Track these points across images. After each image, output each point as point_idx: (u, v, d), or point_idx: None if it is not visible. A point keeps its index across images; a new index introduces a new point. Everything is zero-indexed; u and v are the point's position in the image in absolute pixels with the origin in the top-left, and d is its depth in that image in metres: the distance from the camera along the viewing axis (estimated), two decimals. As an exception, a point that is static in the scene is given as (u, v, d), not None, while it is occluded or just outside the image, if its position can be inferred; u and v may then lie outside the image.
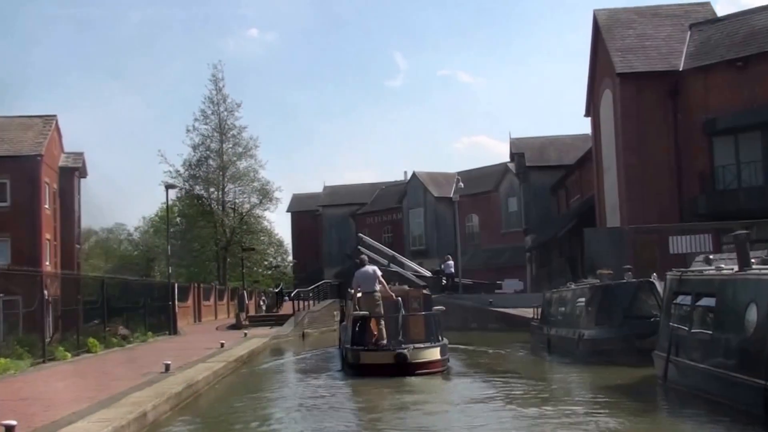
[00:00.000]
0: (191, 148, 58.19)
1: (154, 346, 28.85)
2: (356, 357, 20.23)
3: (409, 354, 19.18)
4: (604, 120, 43.44)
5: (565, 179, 62.05)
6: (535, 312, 32.27)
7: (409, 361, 19.10)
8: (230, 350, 25.97)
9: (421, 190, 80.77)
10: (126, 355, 24.69)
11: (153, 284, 37.00)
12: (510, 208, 74.61)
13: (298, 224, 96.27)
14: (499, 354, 27.95)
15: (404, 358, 19.05)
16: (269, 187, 58.48)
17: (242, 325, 39.69)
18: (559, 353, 24.91)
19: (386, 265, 47.91)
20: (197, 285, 47.82)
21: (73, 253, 46.92)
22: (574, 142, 67.90)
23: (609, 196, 42.71)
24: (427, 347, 20.09)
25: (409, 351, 19.24)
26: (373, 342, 20.21)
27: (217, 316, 50.77)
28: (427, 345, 20.23)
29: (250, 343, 29.55)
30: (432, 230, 79.61)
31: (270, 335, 35.22)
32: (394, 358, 19.12)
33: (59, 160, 46.71)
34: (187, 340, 32.84)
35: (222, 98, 58.36)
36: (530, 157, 68.15)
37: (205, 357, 23.30)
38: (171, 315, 35.80)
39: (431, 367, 19.65)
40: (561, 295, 27.62)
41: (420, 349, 19.74)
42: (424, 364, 19.53)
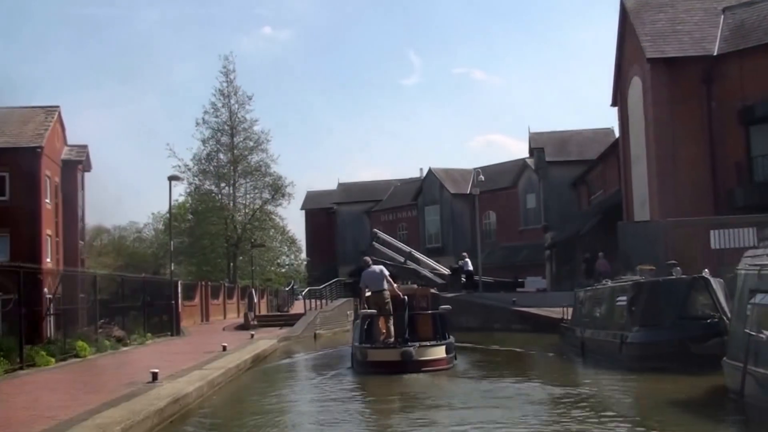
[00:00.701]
0: (201, 142, 55.67)
1: (150, 350, 26.13)
2: (364, 354, 20.34)
3: (415, 351, 19.39)
4: (632, 109, 40.77)
5: (587, 174, 59.45)
6: (564, 312, 29.43)
7: (415, 359, 19.28)
8: (232, 354, 23.22)
9: (437, 187, 78.04)
10: (116, 361, 21.93)
11: (153, 282, 34.23)
12: (528, 204, 71.96)
13: (312, 222, 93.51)
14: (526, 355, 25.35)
15: (410, 356, 19.24)
16: (281, 182, 55.68)
17: (250, 325, 36.93)
18: (596, 358, 22.06)
19: (402, 262, 45.19)
20: (204, 283, 45.06)
21: (76, 249, 44.19)
22: (595, 136, 65.48)
23: (637, 190, 40.03)
24: (432, 345, 20.30)
25: (414, 349, 19.45)
26: (381, 340, 20.54)
27: (226, 315, 48.04)
28: (433, 343, 20.42)
29: (256, 346, 26.79)
30: (448, 228, 76.85)
31: (279, 336, 32.47)
32: (400, 355, 19.31)
33: (62, 153, 44.03)
34: (189, 342, 30.11)
35: (233, 90, 55.75)
36: (550, 151, 65.55)
37: (203, 362, 20.54)
38: (173, 315, 33.01)
39: (436, 364, 19.84)
40: (596, 294, 24.67)
41: (426, 347, 19.98)
42: (430, 362, 19.73)
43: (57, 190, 42.78)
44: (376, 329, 20.92)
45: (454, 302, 39.99)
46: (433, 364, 19.74)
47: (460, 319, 39.01)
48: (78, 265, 42.66)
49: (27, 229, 39.54)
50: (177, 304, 33.61)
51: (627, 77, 41.22)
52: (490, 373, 20.88)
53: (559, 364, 23.78)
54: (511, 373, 20.23)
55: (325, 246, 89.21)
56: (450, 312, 22.83)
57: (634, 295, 20.48)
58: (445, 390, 17.21)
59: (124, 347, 26.34)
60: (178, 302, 33.66)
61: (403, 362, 19.15)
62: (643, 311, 20.00)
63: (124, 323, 28.21)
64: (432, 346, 20.23)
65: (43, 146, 40.07)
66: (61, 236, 42.87)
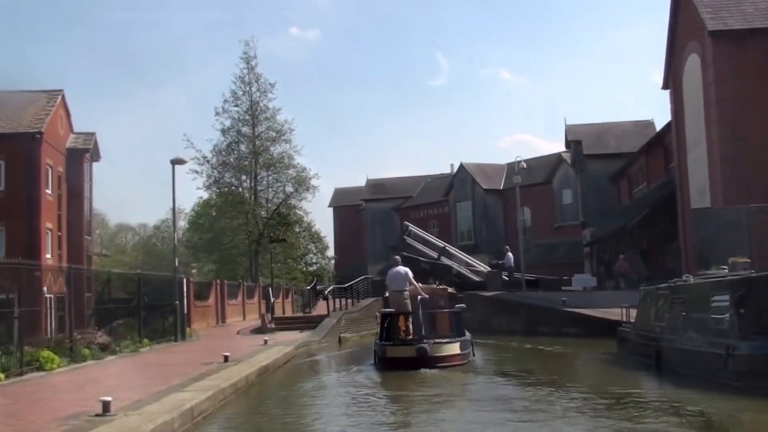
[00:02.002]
0: (220, 132, 50.89)
1: (137, 360, 21.33)
2: (383, 351, 20.90)
3: (430, 348, 19.80)
4: (688, 90, 36.01)
5: (628, 167, 54.75)
6: (625, 314, 24.40)
7: (430, 355, 19.72)
8: (233, 367, 18.43)
9: (469, 182, 73.19)
10: (79, 378, 17.06)
11: (153, 279, 29.46)
12: (564, 200, 67.16)
13: (340, 219, 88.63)
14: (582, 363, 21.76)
15: (425, 352, 19.65)
16: (305, 175, 50.78)
17: (267, 328, 32.13)
18: (679, 371, 17.08)
19: (435, 258, 40.36)
20: (220, 282, 40.24)
21: (82, 245, 39.54)
22: (634, 128, 60.91)
23: (695, 178, 35.31)
24: (447, 342, 20.65)
25: (429, 345, 19.85)
26: (399, 337, 20.78)
27: (245, 316, 43.31)
28: (448, 340, 20.75)
29: (265, 355, 21.95)
30: (481, 224, 71.96)
31: (297, 341, 27.60)
32: (416, 352, 19.65)
33: (66, 140, 39.44)
34: (192, 348, 25.34)
35: (254, 77, 50.95)
36: (587, 145, 60.76)
37: (191, 380, 15.77)
38: (178, 317, 28.26)
39: (451, 360, 20.26)
40: (679, 292, 19.54)
41: (440, 344, 20.37)
42: (444, 358, 20.16)
43: (60, 181, 38.22)
44: (394, 327, 21.23)
45: (494, 302, 35.39)
46: (447, 360, 20.18)
47: (501, 321, 34.17)
48: (83, 262, 38.01)
49: (25, 222, 35.05)
50: (183, 304, 28.86)
51: (681, 56, 36.50)
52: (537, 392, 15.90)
53: (634, 376, 18.70)
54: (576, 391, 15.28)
55: (353, 244, 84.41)
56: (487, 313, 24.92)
57: (743, 294, 15.36)
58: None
59: (111, 355, 21.68)
60: (184, 302, 28.91)
61: (419, 358, 19.55)
62: (758, 314, 14.95)
63: (111, 327, 23.42)
64: (447, 343, 20.61)
65: (43, 132, 35.53)
66: (64, 230, 38.28)
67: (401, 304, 21.37)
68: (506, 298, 34.51)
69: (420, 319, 20.89)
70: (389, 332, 21.30)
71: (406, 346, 20.22)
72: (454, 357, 20.44)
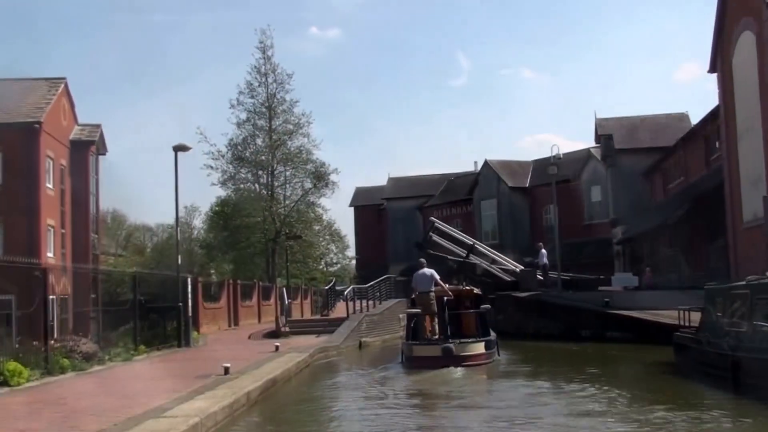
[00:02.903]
0: (236, 126, 47.63)
1: (125, 372, 18.15)
2: (410, 350, 21.10)
3: (455, 347, 20.02)
4: (740, 71, 32.51)
5: (663, 162, 51.12)
6: (683, 317, 20.99)
7: (455, 354, 19.86)
8: (233, 381, 15.28)
9: (494, 180, 69.76)
10: (46, 395, 13.91)
11: (152, 279, 26.31)
12: (593, 197, 63.61)
13: (361, 219, 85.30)
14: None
15: (450, 351, 19.83)
16: (324, 169, 47.45)
17: (281, 332, 28.95)
18: (765, 387, 13.79)
19: (464, 256, 37.11)
20: (233, 282, 37.01)
21: (87, 243, 36.44)
22: (668, 121, 57.13)
23: (747, 167, 31.86)
24: (472, 341, 20.87)
25: (455, 344, 20.11)
26: (426, 337, 21.09)
27: (260, 318, 40.14)
28: (473, 339, 21.03)
29: (275, 365, 18.78)
30: (506, 223, 68.54)
31: (314, 347, 24.41)
32: (442, 351, 19.87)
33: (70, 132, 36.35)
34: (192, 357, 22.17)
35: (271, 68, 47.56)
36: (619, 138, 56.97)
37: (176, 401, 12.63)
38: (180, 320, 25.08)
39: (475, 359, 20.34)
40: (760, 292, 16.12)
41: (466, 343, 20.58)
42: (469, 357, 20.25)
43: (63, 175, 35.19)
44: (421, 327, 21.57)
45: (528, 303, 32.13)
46: (472, 359, 20.31)
47: (537, 324, 30.87)
48: (89, 261, 34.98)
49: (24, 218, 32.02)
50: (188, 306, 25.69)
51: (732, 34, 32.96)
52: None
53: (711, 394, 15.36)
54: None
55: (375, 244, 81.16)
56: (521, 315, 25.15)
57: None
58: None
59: (99, 365, 18.58)
60: (188, 304, 25.73)
61: (444, 357, 19.74)
62: None
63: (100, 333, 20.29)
64: (472, 342, 20.86)
65: (42, 121, 32.46)
66: (68, 228, 35.21)
67: (428, 305, 21.43)
68: (542, 299, 31.22)
69: (446, 320, 21.35)
70: (415, 332, 21.84)
71: (432, 345, 20.57)
72: (479, 356, 20.65)
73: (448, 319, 21.54)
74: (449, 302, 21.88)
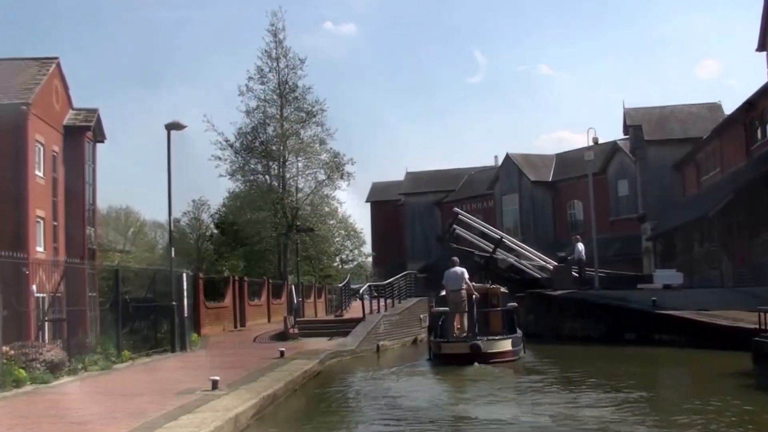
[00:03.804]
0: (245, 114, 44.37)
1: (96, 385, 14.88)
2: (438, 347, 21.37)
3: (483, 345, 20.15)
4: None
5: (696, 153, 47.79)
6: (764, 319, 17.77)
7: (483, 351, 19.98)
8: (220, 399, 12.10)
9: (515, 174, 66.46)
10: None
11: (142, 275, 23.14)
12: (620, 192, 60.26)
13: (378, 215, 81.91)
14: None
15: (478, 349, 19.97)
16: (339, 159, 44.14)
17: (290, 334, 25.73)
18: None
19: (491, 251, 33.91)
20: (239, 279, 33.73)
21: (83, 237, 33.33)
22: (699, 111, 53.84)
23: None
24: (499, 339, 21.17)
25: (482, 342, 20.25)
26: (454, 335, 21.41)
27: (270, 318, 36.84)
28: (500, 337, 21.33)
29: (276, 376, 15.61)
30: (528, 218, 65.26)
31: (325, 352, 21.22)
32: (470, 348, 20.02)
33: (63, 117, 33.25)
34: (184, 364, 18.94)
35: (282, 52, 44.11)
36: (648, 129, 53.60)
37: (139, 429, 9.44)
38: (173, 321, 21.90)
39: (502, 356, 20.53)
40: None
41: (493, 341, 20.88)
42: (497, 354, 20.45)
43: (56, 163, 32.12)
44: (449, 325, 21.74)
45: (564, 302, 28.76)
46: (500, 356, 20.42)
47: (574, 325, 27.57)
48: (85, 257, 31.86)
49: (10, 209, 28.97)
50: (183, 306, 22.54)
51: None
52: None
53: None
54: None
55: (392, 240, 77.80)
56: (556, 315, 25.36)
57: None
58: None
59: (69, 376, 15.48)
60: (184, 303, 22.57)
61: (472, 354, 19.81)
62: None
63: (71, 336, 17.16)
64: (499, 340, 21.11)
65: (30, 103, 29.37)
66: (61, 220, 32.13)
67: (458, 303, 21.65)
68: (580, 297, 27.84)
69: (474, 317, 21.29)
70: (443, 329, 21.87)
71: (460, 342, 20.74)
72: (506, 353, 20.80)
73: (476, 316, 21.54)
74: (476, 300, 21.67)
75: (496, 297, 23.38)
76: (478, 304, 21.59)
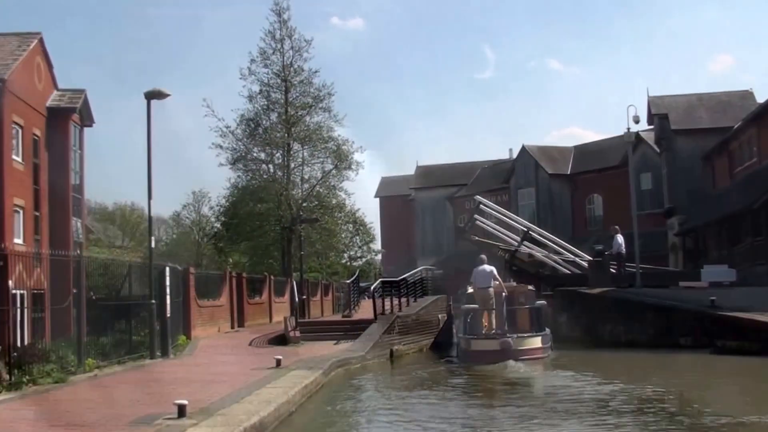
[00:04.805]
0: (247, 99, 40.94)
1: (25, 407, 11.41)
2: (468, 344, 21.18)
3: (514, 342, 19.86)
4: None
5: (729, 142, 44.08)
6: None
7: (513, 348, 19.67)
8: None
9: (532, 167, 62.87)
10: None
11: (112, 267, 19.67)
12: (643, 185, 56.55)
13: (387, 211, 78.37)
14: None
15: (508, 346, 19.66)
16: (347, 147, 40.71)
17: (291, 337, 22.24)
18: None
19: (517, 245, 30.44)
20: (236, 275, 30.13)
21: (68, 229, 29.91)
22: (729, 99, 50.26)
23: None
24: (529, 336, 20.88)
25: (513, 339, 19.95)
26: (483, 332, 21.28)
27: (272, 318, 33.27)
28: (530, 334, 21.00)
29: (269, 393, 12.19)
30: (545, 213, 61.63)
31: (330, 359, 17.74)
32: (500, 345, 19.74)
33: (47, 98, 29.89)
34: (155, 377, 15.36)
35: (287, 33, 40.64)
36: (675, 118, 49.96)
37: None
38: (154, 324, 18.44)
39: (533, 353, 20.29)
40: None
41: (523, 338, 20.60)
42: (527, 351, 20.17)
43: (38, 147, 28.79)
44: (478, 322, 21.68)
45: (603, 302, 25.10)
46: (529, 353, 20.18)
47: (616, 328, 23.98)
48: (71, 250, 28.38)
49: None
50: (165, 304, 19.09)
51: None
52: None
53: None
54: None
55: (402, 237, 74.49)
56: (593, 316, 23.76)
57: None
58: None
59: (8, 393, 12.07)
60: (165, 301, 19.11)
61: (503, 351, 19.53)
62: None
63: (11, 340, 13.69)
64: (529, 337, 20.85)
65: (6, 79, 26.00)
66: (44, 210, 28.77)
67: (486, 301, 21.57)
68: (623, 296, 24.21)
69: (504, 315, 21.49)
70: (472, 326, 21.81)
71: (490, 340, 20.52)
72: (536, 351, 20.62)
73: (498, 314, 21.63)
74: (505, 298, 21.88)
75: (523, 295, 23.29)
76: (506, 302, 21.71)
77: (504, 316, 21.42)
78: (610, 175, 58.78)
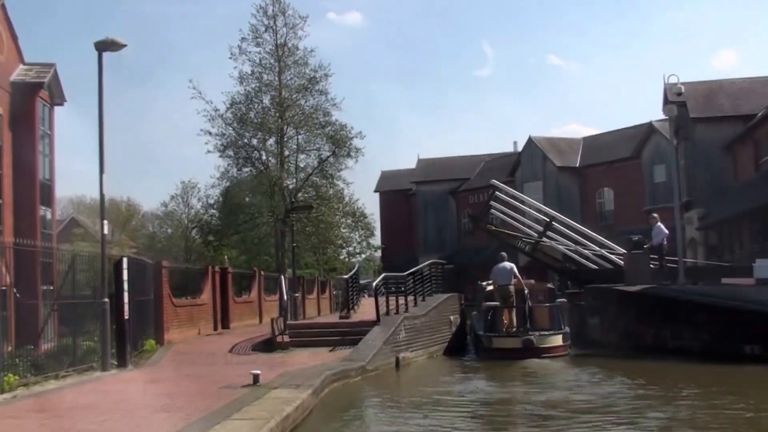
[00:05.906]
0: (237, 81, 37.28)
1: None
2: (489, 341, 21.14)
3: (535, 340, 20.14)
4: None
5: (753, 131, 40.62)
6: None
7: (535, 346, 19.99)
8: None
9: (539, 160, 59.40)
10: None
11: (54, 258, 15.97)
12: (656, 178, 53.26)
13: (387, 206, 74.54)
14: None
15: (531, 343, 19.99)
16: (345, 133, 37.12)
17: (278, 342, 18.48)
18: None
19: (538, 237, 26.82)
20: (219, 271, 26.19)
21: (35, 218, 26.19)
22: (751, 85, 46.63)
23: None
24: (551, 334, 20.89)
25: (535, 337, 20.21)
26: (504, 329, 21.30)
27: (262, 318, 29.52)
28: (552, 332, 20.98)
29: (235, 428, 8.47)
30: (553, 207, 57.03)
31: (324, 372, 14.06)
32: (522, 343, 20.03)
33: (11, 72, 26.22)
34: (84, 404, 11.22)
35: (280, 9, 36.89)
36: (694, 107, 46.32)
37: None
38: (106, 329, 14.75)
39: (554, 351, 20.38)
40: None
41: (545, 336, 20.66)
42: (549, 349, 20.31)
43: (0, 126, 25.16)
44: (498, 319, 21.63)
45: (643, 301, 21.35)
46: (551, 351, 20.27)
47: (661, 332, 20.25)
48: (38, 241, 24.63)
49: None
50: (123, 303, 15.39)
51: None
52: None
53: None
54: None
55: (402, 233, 70.87)
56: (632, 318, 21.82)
57: None
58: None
59: None
60: (123, 299, 15.41)
61: (525, 349, 19.78)
62: None
63: None
64: (550, 335, 20.84)
65: (-42, 47, 22.42)
66: (7, 198, 25.06)
67: (507, 298, 21.63)
68: (670, 295, 20.43)
69: (525, 312, 21.22)
70: (492, 324, 21.71)
71: (512, 337, 20.62)
72: (558, 348, 20.63)
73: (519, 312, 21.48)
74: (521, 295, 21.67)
75: (542, 293, 23.22)
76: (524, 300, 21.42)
77: (525, 314, 21.12)
78: (620, 167, 55.73)
